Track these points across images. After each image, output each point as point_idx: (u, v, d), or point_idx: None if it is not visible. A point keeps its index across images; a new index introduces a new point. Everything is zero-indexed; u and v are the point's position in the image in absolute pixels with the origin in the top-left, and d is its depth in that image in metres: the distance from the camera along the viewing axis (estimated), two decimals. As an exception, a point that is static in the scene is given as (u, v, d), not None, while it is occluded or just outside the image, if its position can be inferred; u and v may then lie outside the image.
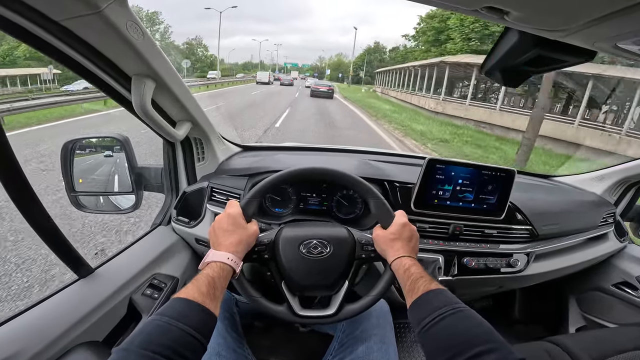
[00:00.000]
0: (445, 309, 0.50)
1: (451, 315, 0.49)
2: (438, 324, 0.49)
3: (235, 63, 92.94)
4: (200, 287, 0.51)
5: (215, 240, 0.62)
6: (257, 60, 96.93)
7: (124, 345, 0.42)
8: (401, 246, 0.65)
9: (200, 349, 0.46)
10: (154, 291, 0.80)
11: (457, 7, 0.40)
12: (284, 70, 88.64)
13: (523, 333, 1.45)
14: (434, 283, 0.57)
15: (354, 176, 0.72)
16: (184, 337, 0.44)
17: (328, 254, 0.69)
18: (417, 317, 0.53)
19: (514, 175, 0.94)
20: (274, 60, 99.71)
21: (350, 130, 9.37)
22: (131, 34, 0.56)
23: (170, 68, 0.70)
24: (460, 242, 0.98)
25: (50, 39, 0.53)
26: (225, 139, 1.13)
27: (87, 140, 0.93)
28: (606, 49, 0.44)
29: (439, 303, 0.52)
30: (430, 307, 0.52)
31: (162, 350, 0.41)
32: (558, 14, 0.35)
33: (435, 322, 0.49)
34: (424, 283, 0.56)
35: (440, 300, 0.53)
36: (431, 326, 0.50)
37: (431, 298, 0.54)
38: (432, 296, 0.54)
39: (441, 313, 0.50)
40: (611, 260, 1.29)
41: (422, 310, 0.53)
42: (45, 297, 0.65)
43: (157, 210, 1.07)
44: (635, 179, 1.24)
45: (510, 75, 0.60)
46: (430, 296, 0.54)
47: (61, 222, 2.06)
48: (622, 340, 0.85)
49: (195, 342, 0.45)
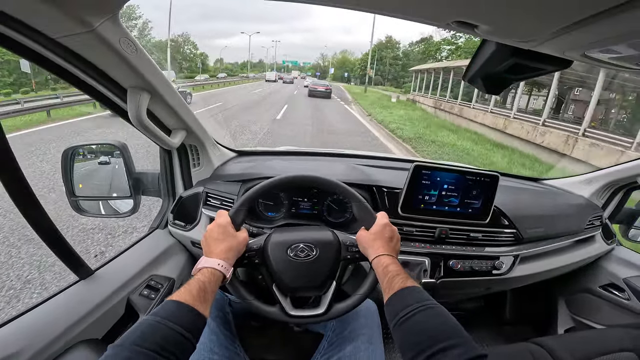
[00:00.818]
0: (417, 305, 0.53)
1: (422, 311, 0.52)
2: (410, 320, 0.52)
3: (235, 63, 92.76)
4: (191, 290, 0.55)
5: (207, 249, 0.66)
6: (257, 59, 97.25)
7: (119, 342, 0.46)
8: (381, 245, 0.68)
9: (189, 347, 0.50)
10: (151, 291, 0.83)
11: (430, 22, 0.42)
12: (285, 70, 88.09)
13: (512, 334, 1.48)
14: (409, 280, 0.60)
15: (337, 182, 0.76)
16: (174, 335, 0.48)
17: (314, 257, 0.73)
18: (392, 312, 0.56)
19: (498, 180, 0.96)
20: (274, 59, 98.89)
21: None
22: (125, 49, 0.59)
23: (165, 80, 0.73)
24: (447, 245, 1.01)
25: (47, 54, 0.56)
26: (220, 144, 1.17)
27: (85, 146, 0.97)
28: (576, 57, 0.46)
29: (412, 300, 0.55)
30: (403, 303, 0.55)
31: (154, 347, 0.45)
32: (524, 26, 0.38)
33: (407, 318, 0.53)
34: (400, 280, 0.59)
35: (413, 297, 0.56)
36: (403, 321, 0.53)
37: (405, 295, 0.57)
38: (407, 293, 0.57)
39: (413, 309, 0.53)
40: (599, 262, 1.31)
41: (397, 306, 0.56)
42: (47, 298, 0.69)
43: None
44: (623, 182, 1.26)
45: (491, 82, 0.63)
46: (404, 293, 0.57)
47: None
48: (608, 341, 0.87)
49: (185, 340, 0.49)
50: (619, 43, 0.37)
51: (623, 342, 0.85)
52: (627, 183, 1.27)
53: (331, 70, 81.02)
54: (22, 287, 2.05)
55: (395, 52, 58.67)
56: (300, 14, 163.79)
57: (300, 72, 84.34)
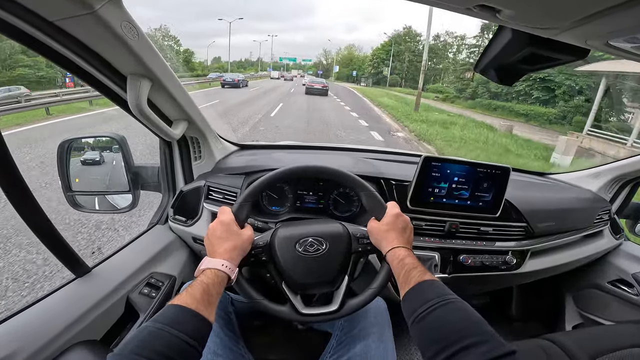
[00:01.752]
0: (437, 299, 0.50)
1: (442, 306, 0.50)
2: (429, 315, 0.49)
3: (234, 61, 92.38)
4: (194, 293, 0.51)
5: (210, 248, 0.63)
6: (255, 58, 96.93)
7: (118, 351, 0.42)
8: (395, 237, 0.65)
9: (195, 354, 0.46)
10: (152, 290, 0.80)
11: (449, 6, 0.40)
12: (285, 68, 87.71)
13: (520, 330, 1.46)
14: (427, 274, 0.57)
15: (344, 171, 0.73)
16: (178, 343, 0.45)
17: (325, 251, 0.69)
18: (409, 308, 0.53)
19: (509, 172, 0.94)
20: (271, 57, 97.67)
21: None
22: (126, 34, 0.56)
23: (166, 67, 0.70)
24: (457, 239, 0.98)
25: (44, 39, 0.53)
26: (222, 137, 1.14)
27: (83, 139, 0.93)
28: (598, 46, 0.44)
29: (432, 294, 0.52)
30: (422, 298, 0.52)
31: (155, 356, 0.42)
32: (549, 12, 0.36)
33: (427, 313, 0.50)
34: (417, 274, 0.56)
35: (433, 291, 0.53)
36: (423, 317, 0.50)
37: (424, 289, 0.54)
38: (425, 287, 0.54)
39: (433, 304, 0.50)
40: (607, 257, 1.29)
41: (415, 301, 0.53)
42: (42, 296, 0.66)
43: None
44: (631, 176, 1.25)
45: (504, 73, 0.60)
46: (423, 287, 0.54)
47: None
48: (619, 337, 0.86)
49: (189, 348, 0.45)
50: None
51: (635, 338, 0.84)
52: (634, 177, 1.26)
53: (335, 68, 68.60)
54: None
55: (416, 46, 45.53)
56: (303, 10, 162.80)
57: (299, 71, 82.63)
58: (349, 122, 9.86)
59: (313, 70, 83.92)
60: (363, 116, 11.63)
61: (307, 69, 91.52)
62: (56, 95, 9.27)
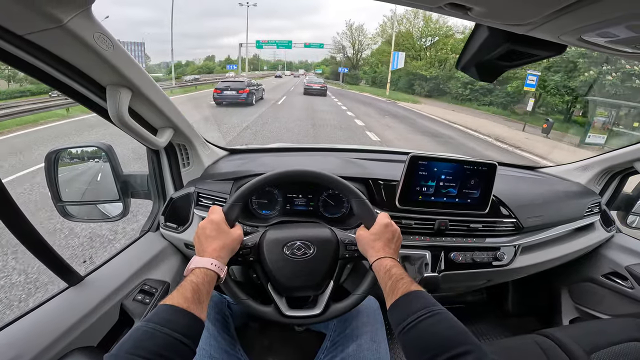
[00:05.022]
0: (425, 311, 0.52)
1: (430, 317, 0.51)
2: (417, 326, 0.51)
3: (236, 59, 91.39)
4: (184, 293, 0.52)
5: (199, 247, 0.63)
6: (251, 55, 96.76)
7: (114, 352, 0.44)
8: (382, 247, 0.65)
9: (188, 352, 0.47)
10: (145, 296, 0.81)
11: (420, 5, 0.40)
12: (285, 67, 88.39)
13: (516, 326, 1.46)
14: (414, 284, 0.58)
15: (336, 178, 0.73)
16: (171, 342, 0.46)
17: (312, 255, 0.70)
18: (397, 319, 0.54)
19: (496, 168, 0.94)
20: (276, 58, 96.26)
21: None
22: (100, 45, 0.55)
23: (146, 76, 0.70)
24: (447, 237, 0.99)
25: (18, 52, 0.52)
26: (210, 143, 1.14)
27: (70, 150, 0.94)
28: (572, 41, 0.44)
29: (419, 305, 0.53)
30: (409, 309, 0.53)
31: (150, 355, 0.43)
32: (520, 7, 0.36)
33: (413, 325, 0.51)
34: (404, 285, 0.57)
35: (419, 302, 0.54)
36: (410, 329, 0.51)
37: (410, 300, 0.55)
38: (412, 298, 0.55)
39: (419, 316, 0.51)
40: (600, 250, 1.29)
41: (402, 312, 0.54)
42: (36, 305, 0.66)
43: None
44: (619, 168, 1.25)
45: (484, 70, 0.61)
46: (409, 298, 0.55)
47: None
48: (614, 331, 0.86)
49: (183, 346, 0.46)
50: (616, 25, 0.35)
51: (631, 332, 0.84)
52: (623, 169, 1.26)
53: (344, 69, 39.02)
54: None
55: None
56: (310, 8, 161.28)
57: (305, 70, 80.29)
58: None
59: (323, 70, 59.36)
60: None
61: (314, 66, 73.74)
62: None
